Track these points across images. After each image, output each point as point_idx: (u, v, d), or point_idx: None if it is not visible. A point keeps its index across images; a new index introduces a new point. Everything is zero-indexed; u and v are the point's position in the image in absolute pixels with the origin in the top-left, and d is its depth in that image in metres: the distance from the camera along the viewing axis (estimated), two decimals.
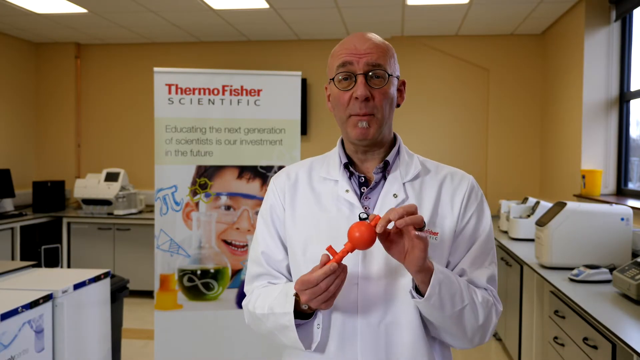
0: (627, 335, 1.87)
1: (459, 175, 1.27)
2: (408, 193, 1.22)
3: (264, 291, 1.25)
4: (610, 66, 4.20)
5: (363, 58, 1.17)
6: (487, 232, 1.24)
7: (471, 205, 1.24)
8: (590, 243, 2.83)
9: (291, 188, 1.28)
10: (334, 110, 1.23)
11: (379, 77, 1.18)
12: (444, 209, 1.22)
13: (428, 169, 1.27)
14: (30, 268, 2.77)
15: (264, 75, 3.21)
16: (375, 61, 1.17)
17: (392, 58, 1.22)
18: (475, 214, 1.23)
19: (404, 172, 1.24)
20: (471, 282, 1.19)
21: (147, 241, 5.25)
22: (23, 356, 2.07)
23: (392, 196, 1.21)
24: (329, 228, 1.20)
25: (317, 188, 1.27)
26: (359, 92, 1.15)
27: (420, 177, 1.25)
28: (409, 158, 1.28)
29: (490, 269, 1.22)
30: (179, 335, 3.10)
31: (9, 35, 5.82)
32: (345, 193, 1.22)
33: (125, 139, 6.21)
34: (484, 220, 1.24)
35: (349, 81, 1.18)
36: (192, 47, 6.06)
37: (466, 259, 1.21)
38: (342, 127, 1.23)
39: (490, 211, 1.28)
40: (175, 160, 3.12)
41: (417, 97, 5.74)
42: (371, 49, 1.18)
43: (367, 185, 1.24)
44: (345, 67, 1.18)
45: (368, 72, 1.17)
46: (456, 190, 1.24)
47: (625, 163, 4.16)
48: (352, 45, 1.18)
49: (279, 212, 1.28)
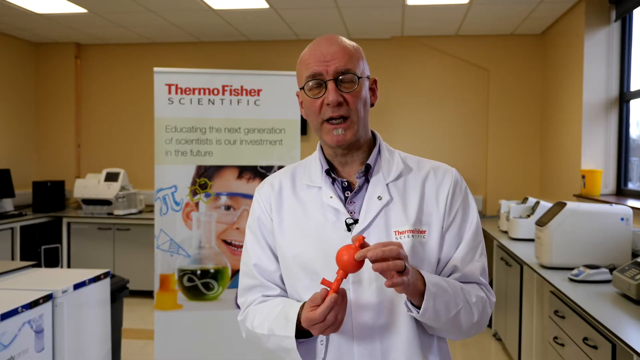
0: (627, 335, 1.87)
1: (441, 170, 1.27)
2: (392, 194, 1.21)
3: (260, 308, 1.25)
4: (610, 66, 4.20)
5: (331, 65, 1.16)
6: (475, 225, 1.24)
7: (456, 200, 1.23)
8: (590, 243, 2.83)
9: (276, 198, 1.28)
10: (308, 118, 1.23)
11: (349, 82, 1.17)
12: (429, 206, 1.22)
13: (410, 167, 1.27)
14: (30, 268, 2.77)
15: (264, 75, 3.21)
16: (343, 67, 1.16)
17: (360, 59, 1.21)
18: (461, 208, 1.23)
19: (386, 173, 1.24)
20: (465, 278, 1.20)
21: (147, 241, 5.25)
22: (23, 356, 2.07)
23: (377, 198, 1.20)
24: (317, 236, 1.20)
25: (301, 196, 1.26)
26: (331, 97, 1.15)
27: (403, 176, 1.24)
28: (390, 156, 1.27)
29: (481, 260, 1.23)
30: (179, 335, 3.10)
31: (9, 35, 5.82)
32: (329, 199, 1.21)
33: (125, 139, 6.21)
34: (471, 213, 1.25)
35: (319, 88, 1.18)
36: (192, 47, 6.06)
37: (457, 255, 1.21)
38: (317, 133, 1.22)
39: (475, 202, 1.28)
40: (175, 160, 3.12)
41: (417, 97, 5.75)
42: (338, 54, 1.17)
43: (351, 189, 1.23)
44: (315, 77, 1.17)
45: (337, 78, 1.16)
46: (440, 186, 1.24)
47: (625, 163, 4.16)
48: (319, 52, 1.18)
49: (267, 223, 1.27)
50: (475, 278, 1.21)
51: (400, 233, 1.18)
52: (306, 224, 1.22)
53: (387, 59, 5.73)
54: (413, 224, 1.19)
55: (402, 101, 5.76)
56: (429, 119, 5.76)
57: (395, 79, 5.73)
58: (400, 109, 5.76)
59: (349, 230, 1.18)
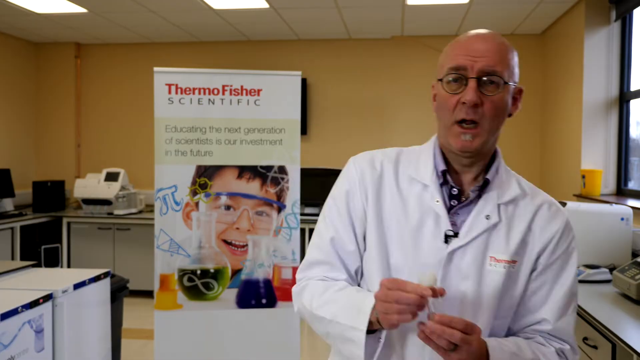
0: (627, 335, 1.87)
1: (555, 207, 1.17)
2: (501, 216, 1.12)
3: (323, 287, 1.15)
4: (610, 66, 4.20)
5: (478, 62, 1.07)
6: (573, 278, 1.14)
7: (562, 245, 1.14)
8: (590, 243, 2.82)
9: (376, 182, 1.17)
10: (439, 113, 1.14)
11: (492, 83, 1.08)
12: (532, 240, 1.13)
13: (525, 192, 1.17)
14: (30, 268, 2.77)
15: (264, 75, 3.21)
16: (491, 67, 1.07)
17: (511, 62, 1.11)
18: (563, 255, 1.14)
19: (500, 193, 1.14)
20: (556, 332, 1.13)
21: (147, 241, 5.25)
22: (23, 356, 2.07)
23: (485, 217, 1.11)
24: (409, 238, 1.12)
25: (404, 189, 1.16)
26: (468, 96, 1.06)
27: (516, 201, 1.15)
28: (507, 177, 1.18)
29: (573, 316, 1.15)
30: (179, 335, 3.10)
31: (9, 35, 5.82)
32: (434, 203, 1.12)
33: (125, 139, 6.21)
34: (571, 264, 1.15)
35: (458, 84, 1.08)
36: (192, 47, 6.05)
37: (551, 306, 1.12)
38: (444, 132, 1.13)
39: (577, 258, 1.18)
40: (175, 160, 3.12)
41: (417, 97, 5.74)
42: (489, 52, 1.07)
43: (457, 199, 1.14)
44: (458, 70, 1.08)
45: (481, 77, 1.07)
46: (550, 223, 1.14)
47: (625, 163, 4.16)
48: (470, 46, 1.09)
49: (357, 204, 1.17)
50: (563, 335, 1.13)
51: (497, 261, 1.10)
52: (403, 223, 1.13)
53: (387, 59, 5.73)
54: (511, 255, 1.10)
55: (402, 101, 5.75)
56: (429, 119, 5.72)
57: (395, 78, 5.73)
58: (400, 108, 5.76)
59: (446, 242, 1.11)
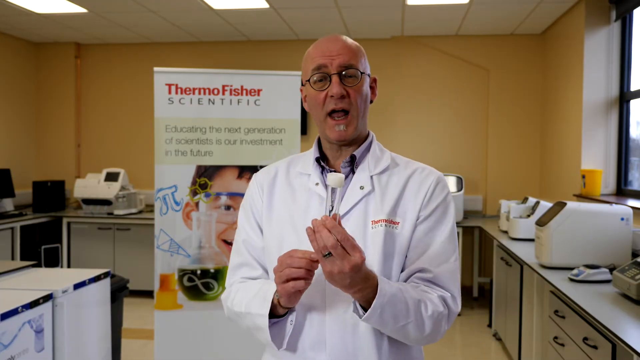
0: (627, 335, 1.87)
1: (427, 170, 1.30)
2: (374, 185, 1.26)
3: (242, 287, 1.28)
4: (610, 66, 4.20)
5: (336, 59, 1.22)
6: (450, 229, 1.25)
7: (435, 199, 1.25)
8: (590, 243, 2.83)
9: (270, 182, 1.34)
10: (312, 110, 1.28)
11: (352, 77, 1.23)
12: (407, 200, 1.25)
13: (397, 164, 1.31)
14: (30, 268, 2.77)
15: (264, 75, 3.21)
16: (347, 62, 1.23)
17: (362, 57, 1.27)
18: (439, 209, 1.25)
19: (372, 166, 1.28)
20: (435, 280, 1.20)
21: (147, 241, 5.25)
22: (23, 356, 2.07)
23: (359, 188, 1.25)
24: (300, 220, 1.24)
25: (293, 183, 1.32)
26: (335, 90, 1.21)
27: (389, 170, 1.29)
28: (380, 153, 1.32)
29: (454, 266, 1.23)
30: (179, 335, 3.10)
31: (9, 35, 5.82)
32: (315, 186, 1.27)
33: (125, 139, 6.21)
34: (448, 217, 1.25)
35: (324, 82, 1.24)
36: (192, 47, 6.06)
37: (429, 255, 1.22)
38: (320, 126, 1.28)
39: (455, 212, 1.28)
40: (175, 160, 3.12)
41: (417, 97, 5.75)
42: (343, 50, 1.23)
43: None
44: (320, 69, 1.23)
45: (341, 72, 1.23)
46: (422, 183, 1.27)
47: (625, 163, 4.16)
48: (325, 48, 1.24)
49: (258, 204, 1.33)
50: (444, 283, 1.21)
51: (375, 222, 1.22)
52: (292, 209, 1.27)
53: (387, 59, 5.73)
54: (387, 214, 1.22)
55: (402, 101, 5.76)
56: (429, 118, 5.76)
57: (395, 79, 5.73)
58: (400, 108, 5.76)
59: None
